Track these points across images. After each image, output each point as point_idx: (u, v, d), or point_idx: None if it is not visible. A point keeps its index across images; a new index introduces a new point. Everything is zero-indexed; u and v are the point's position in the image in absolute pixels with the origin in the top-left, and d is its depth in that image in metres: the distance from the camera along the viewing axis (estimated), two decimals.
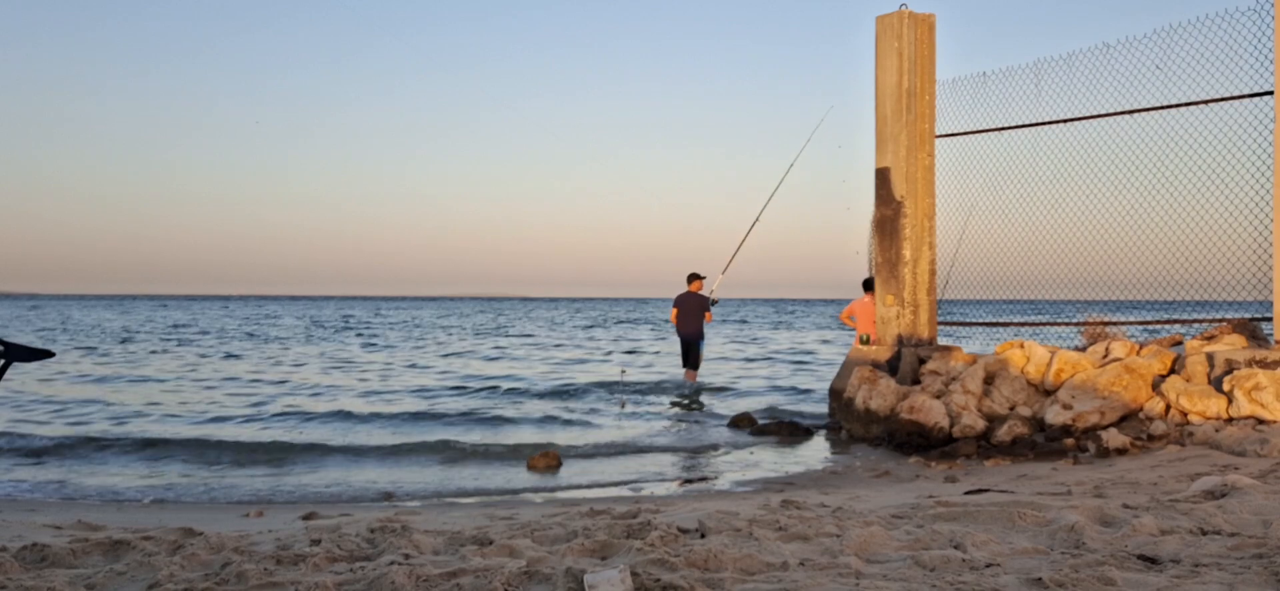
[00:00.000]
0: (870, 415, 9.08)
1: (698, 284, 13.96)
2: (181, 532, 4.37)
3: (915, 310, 10.03)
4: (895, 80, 10.06)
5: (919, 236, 10.04)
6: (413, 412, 12.70)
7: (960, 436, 8.27)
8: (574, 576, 3.29)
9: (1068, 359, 8.64)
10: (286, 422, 11.71)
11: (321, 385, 16.55)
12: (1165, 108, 8.99)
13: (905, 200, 10.00)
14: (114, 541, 4.14)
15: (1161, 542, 3.72)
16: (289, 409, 13.02)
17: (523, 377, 18.24)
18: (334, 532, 4.38)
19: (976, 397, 8.61)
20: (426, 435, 10.54)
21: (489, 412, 12.67)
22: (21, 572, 3.63)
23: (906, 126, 10.01)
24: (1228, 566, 3.33)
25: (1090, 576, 3.20)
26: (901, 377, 9.55)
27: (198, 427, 11.23)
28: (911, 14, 10.05)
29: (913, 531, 4.08)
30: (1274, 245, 8.32)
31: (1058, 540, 3.88)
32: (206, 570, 3.67)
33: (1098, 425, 7.86)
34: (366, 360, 23.15)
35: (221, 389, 15.86)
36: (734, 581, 3.33)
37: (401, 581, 3.32)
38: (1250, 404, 7.31)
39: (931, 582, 3.26)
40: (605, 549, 3.97)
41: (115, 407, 13.04)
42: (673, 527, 4.19)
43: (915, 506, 4.78)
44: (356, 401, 14.04)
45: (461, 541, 4.14)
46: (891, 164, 10.09)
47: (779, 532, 4.15)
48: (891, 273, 10.11)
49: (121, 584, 3.53)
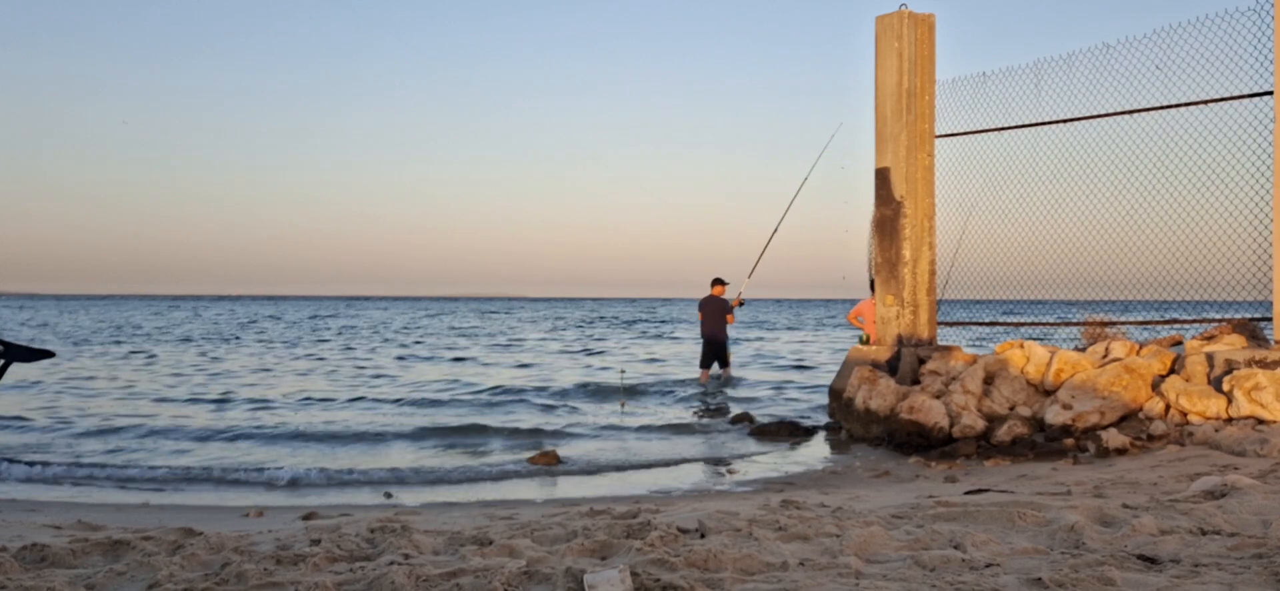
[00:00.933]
0: (870, 415, 9.08)
1: (720, 288, 14.66)
2: (181, 532, 4.37)
3: (915, 310, 10.03)
4: (895, 80, 10.06)
5: (919, 236, 10.04)
6: (411, 407, 12.72)
7: (960, 436, 8.27)
8: (574, 576, 3.29)
9: (1067, 359, 8.64)
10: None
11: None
12: (1165, 108, 8.99)
13: (905, 200, 10.00)
14: (114, 541, 4.14)
15: (1161, 542, 3.72)
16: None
17: (531, 373, 18.25)
18: (334, 532, 4.38)
19: (976, 398, 8.61)
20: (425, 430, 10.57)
21: (489, 412, 12.68)
22: (21, 572, 3.63)
23: (906, 126, 10.01)
24: (1227, 566, 3.33)
25: (1090, 576, 3.20)
26: (901, 378, 9.55)
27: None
28: (911, 14, 10.05)
29: (912, 531, 4.08)
30: (1274, 245, 8.32)
31: (1057, 540, 3.88)
32: (206, 570, 3.67)
33: (1097, 425, 7.87)
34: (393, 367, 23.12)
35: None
36: (734, 581, 3.33)
37: (401, 581, 3.32)
38: (1250, 404, 7.31)
39: (931, 582, 3.26)
40: (605, 549, 3.97)
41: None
42: (672, 527, 4.19)
43: (915, 506, 4.78)
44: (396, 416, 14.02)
45: (461, 541, 4.14)
46: (891, 164, 10.09)
47: (779, 532, 4.15)
48: (891, 273, 10.11)
49: (121, 584, 3.53)
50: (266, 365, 21.16)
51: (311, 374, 18.96)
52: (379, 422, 11.70)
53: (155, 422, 11.54)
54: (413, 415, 12.49)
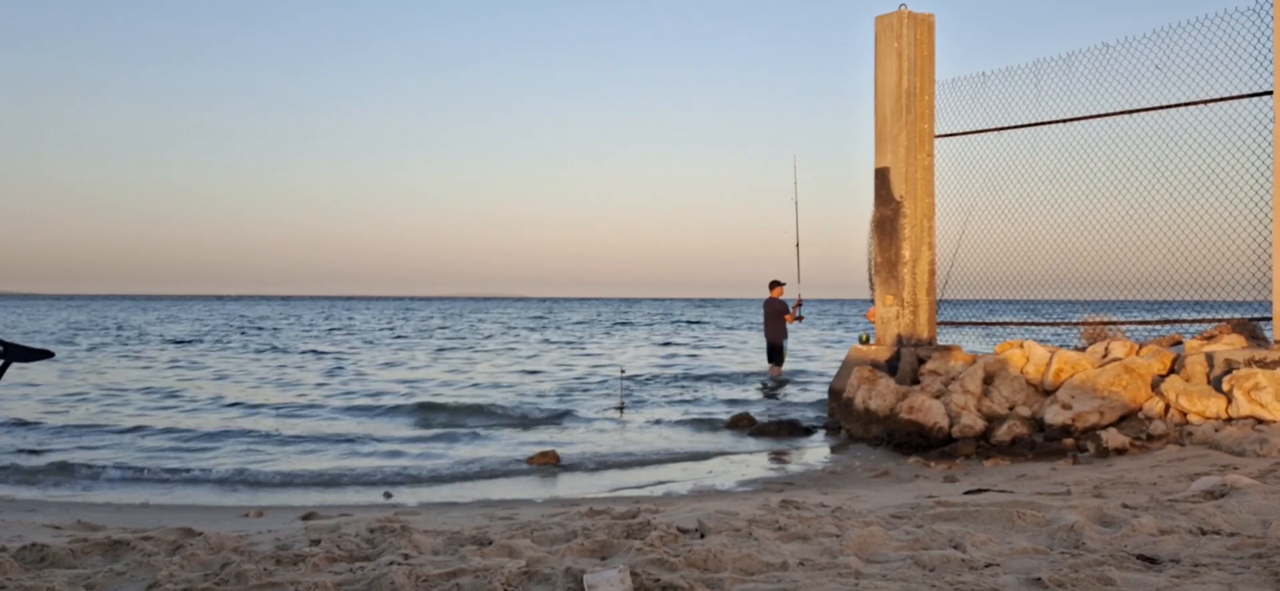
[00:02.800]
0: (870, 415, 9.08)
1: (778, 290, 15.16)
2: (181, 533, 4.37)
3: (915, 310, 10.03)
4: (894, 80, 10.06)
5: (918, 236, 10.04)
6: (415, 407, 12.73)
7: (960, 436, 8.27)
8: (573, 576, 3.29)
9: (1067, 359, 8.64)
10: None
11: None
12: (1164, 108, 8.99)
13: (904, 200, 10.00)
14: (113, 541, 4.14)
15: (1161, 542, 3.72)
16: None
17: (534, 373, 18.24)
18: (333, 533, 4.38)
19: (976, 397, 8.61)
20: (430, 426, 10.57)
21: (488, 411, 12.68)
22: (21, 572, 3.63)
23: (906, 126, 10.01)
24: (1227, 566, 3.33)
25: (1090, 576, 3.20)
26: (901, 377, 9.55)
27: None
28: (911, 14, 10.05)
29: (912, 531, 4.08)
30: (1273, 245, 8.32)
31: (1057, 540, 3.88)
32: (206, 570, 3.67)
33: (1097, 425, 7.86)
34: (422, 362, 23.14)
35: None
36: (733, 581, 3.33)
37: (401, 581, 3.32)
38: (1249, 404, 7.32)
39: (931, 582, 3.26)
40: (605, 549, 3.96)
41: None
42: (672, 527, 4.19)
43: (915, 506, 4.78)
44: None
45: (461, 541, 4.14)
46: (891, 164, 10.09)
47: (778, 532, 4.15)
48: (891, 273, 10.11)
49: (121, 584, 3.53)
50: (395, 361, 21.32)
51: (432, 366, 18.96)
52: (381, 425, 11.70)
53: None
54: (409, 414, 12.52)
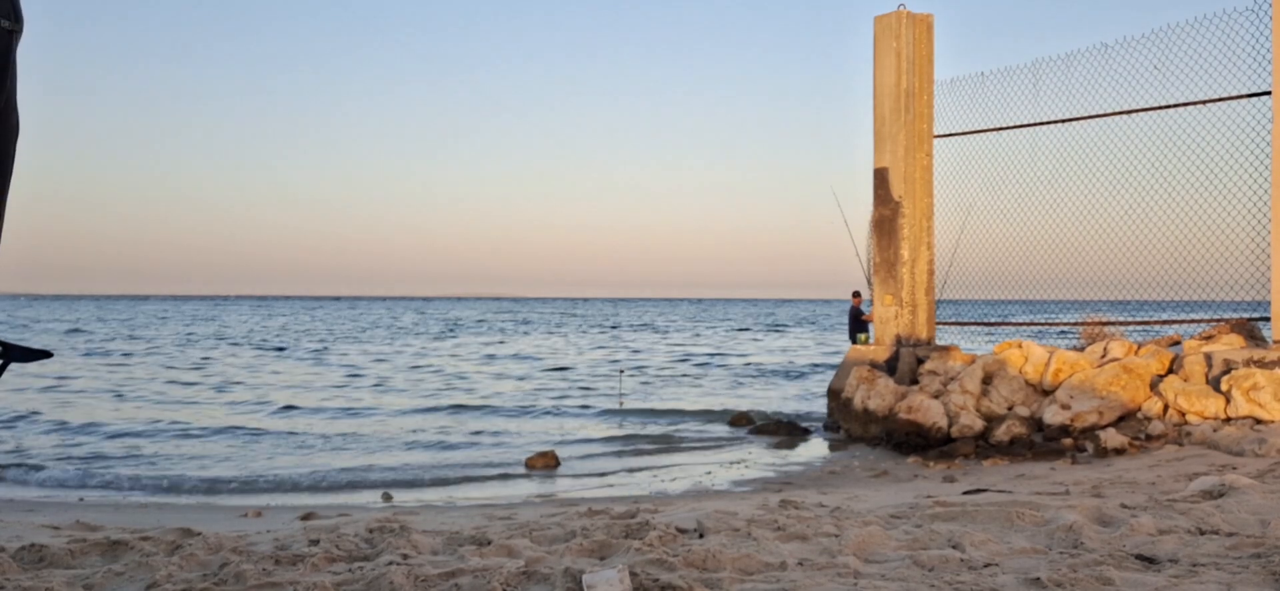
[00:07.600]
0: (868, 415, 9.08)
1: (857, 298, 15.23)
2: (180, 533, 4.36)
3: (913, 310, 10.03)
4: (893, 80, 10.06)
5: (917, 236, 10.04)
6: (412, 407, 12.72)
7: (958, 436, 8.27)
8: (573, 576, 3.28)
9: (1066, 359, 8.64)
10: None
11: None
12: (1163, 108, 9.00)
13: (903, 200, 10.00)
14: (112, 542, 4.14)
15: (1159, 542, 3.72)
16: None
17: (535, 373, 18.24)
18: (332, 533, 4.37)
19: (975, 397, 8.61)
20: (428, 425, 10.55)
21: (488, 411, 12.68)
22: (20, 573, 3.62)
23: (905, 126, 10.01)
24: (1225, 566, 3.33)
25: (1088, 576, 3.20)
26: (900, 377, 9.55)
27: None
28: (910, 14, 10.05)
29: (911, 531, 4.08)
30: (1272, 245, 8.32)
31: (1056, 540, 3.88)
32: (205, 570, 3.66)
33: (1096, 425, 7.87)
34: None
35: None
36: (732, 581, 3.33)
37: (400, 581, 3.32)
38: (1248, 403, 7.32)
39: (930, 582, 3.26)
40: (604, 549, 3.96)
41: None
42: (671, 527, 4.19)
43: (913, 506, 4.78)
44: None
45: (460, 541, 4.13)
46: (890, 164, 10.09)
47: (777, 532, 4.15)
48: (889, 272, 10.11)
49: (119, 584, 3.52)
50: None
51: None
52: (379, 430, 11.70)
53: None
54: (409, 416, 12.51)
